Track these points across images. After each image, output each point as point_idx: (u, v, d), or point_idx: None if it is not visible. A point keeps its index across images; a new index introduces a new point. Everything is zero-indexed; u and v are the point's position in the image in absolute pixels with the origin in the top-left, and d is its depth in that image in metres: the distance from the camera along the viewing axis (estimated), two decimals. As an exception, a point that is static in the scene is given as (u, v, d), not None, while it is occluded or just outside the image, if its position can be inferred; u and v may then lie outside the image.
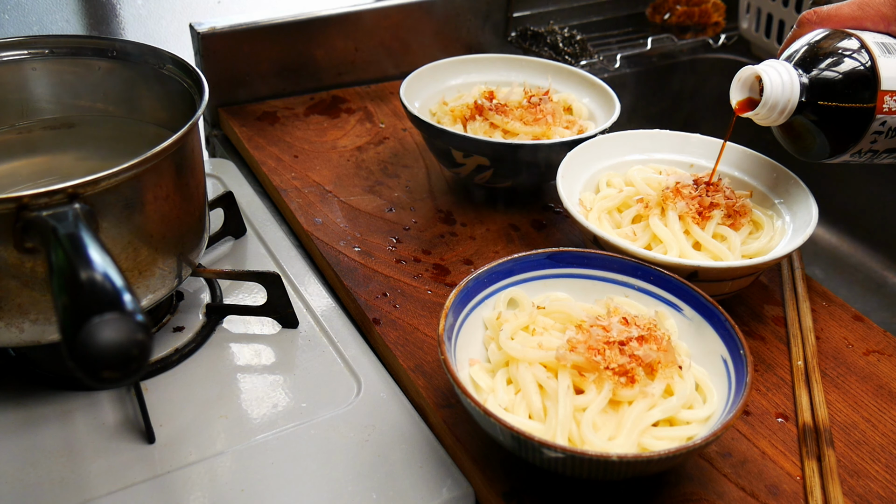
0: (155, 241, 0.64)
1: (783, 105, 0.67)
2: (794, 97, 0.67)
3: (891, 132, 0.68)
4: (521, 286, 0.68)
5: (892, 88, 0.67)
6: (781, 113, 0.68)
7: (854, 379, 0.70)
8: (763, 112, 0.69)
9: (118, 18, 1.26)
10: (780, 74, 0.67)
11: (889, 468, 0.62)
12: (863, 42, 0.67)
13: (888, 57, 0.67)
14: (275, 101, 1.08)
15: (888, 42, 0.68)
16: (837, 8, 0.70)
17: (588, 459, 0.52)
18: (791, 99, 0.67)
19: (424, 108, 0.92)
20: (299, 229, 0.86)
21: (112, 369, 0.42)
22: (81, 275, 0.46)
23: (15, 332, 0.60)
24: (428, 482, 0.60)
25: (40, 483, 0.59)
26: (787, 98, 0.67)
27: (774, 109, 0.68)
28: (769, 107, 0.68)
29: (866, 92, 0.66)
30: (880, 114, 0.66)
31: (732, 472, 0.61)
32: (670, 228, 0.73)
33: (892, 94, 0.66)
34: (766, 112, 0.69)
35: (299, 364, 0.70)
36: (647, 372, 0.59)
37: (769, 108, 0.68)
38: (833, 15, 0.70)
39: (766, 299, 0.78)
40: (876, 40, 0.68)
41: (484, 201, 0.90)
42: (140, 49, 0.74)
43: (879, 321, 0.77)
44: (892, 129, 0.68)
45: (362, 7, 1.09)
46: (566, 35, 1.20)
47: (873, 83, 0.66)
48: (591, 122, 0.92)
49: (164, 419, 0.64)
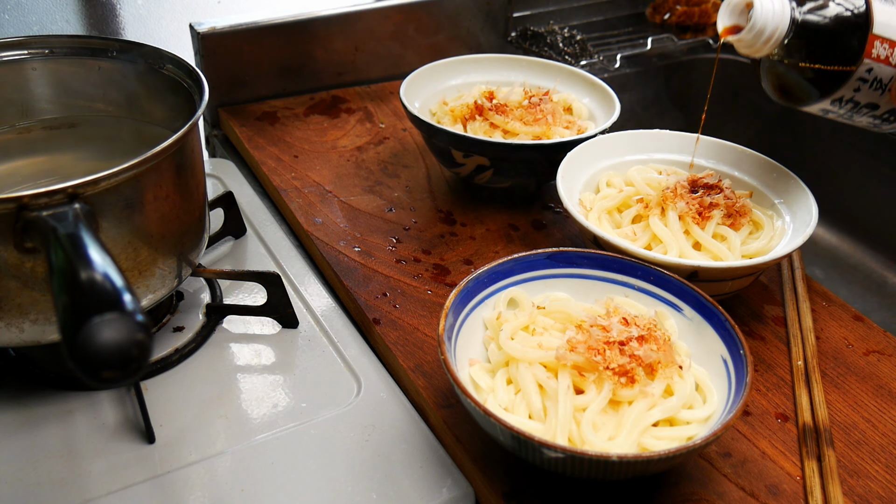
0: (155, 241, 0.64)
1: (770, 32, 0.65)
2: (783, 25, 0.65)
3: (875, 83, 0.66)
4: (521, 286, 0.68)
5: (883, 34, 0.64)
6: (767, 41, 0.66)
7: (854, 379, 0.70)
8: (749, 37, 0.66)
9: (118, 18, 1.26)
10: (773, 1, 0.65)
11: (889, 468, 0.62)
12: None
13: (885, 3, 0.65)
14: (275, 101, 1.08)
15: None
16: None
17: (588, 459, 0.52)
18: (779, 27, 0.65)
19: (424, 108, 0.92)
20: (299, 229, 0.86)
21: (112, 369, 0.42)
22: (81, 275, 0.46)
23: (15, 332, 0.60)
24: (428, 482, 0.60)
25: (40, 483, 0.59)
26: (775, 25, 0.65)
27: (761, 35, 0.65)
28: (756, 32, 0.65)
29: (856, 32, 0.64)
30: (867, 58, 0.64)
31: (732, 472, 0.61)
32: (670, 228, 0.73)
33: (882, 40, 0.64)
34: (751, 37, 0.66)
35: (299, 364, 0.70)
36: (647, 372, 0.59)
37: (756, 33, 0.66)
38: None
39: (766, 299, 0.78)
40: None
41: (484, 201, 0.90)
42: (140, 49, 0.74)
43: (879, 321, 0.77)
44: (877, 81, 0.65)
45: (362, 7, 1.09)
46: (566, 35, 1.21)
47: (865, 24, 0.64)
48: (591, 122, 0.92)
49: (164, 419, 0.64)
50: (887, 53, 0.65)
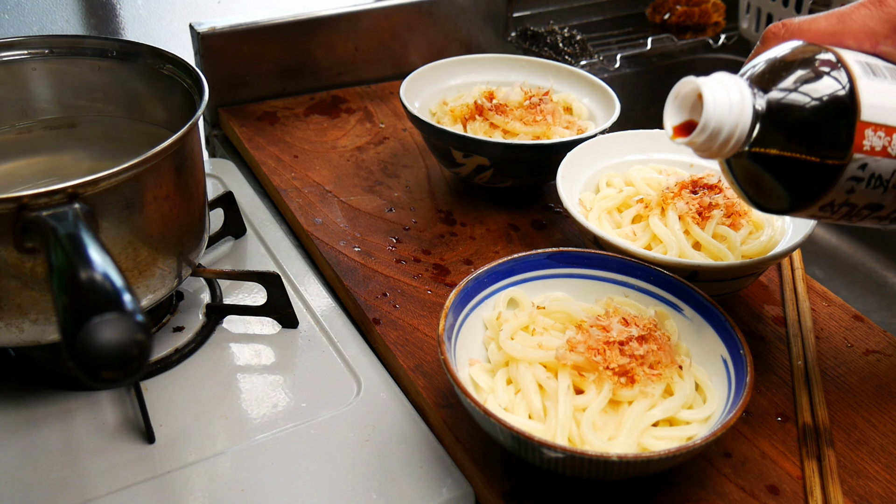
0: (155, 241, 0.64)
1: (729, 131, 0.51)
2: (744, 122, 0.51)
3: (874, 181, 0.52)
4: (521, 286, 0.68)
5: (875, 120, 0.51)
6: (726, 143, 0.51)
7: (854, 379, 0.70)
8: (701, 139, 0.51)
9: (118, 18, 1.26)
10: (728, 91, 0.51)
11: (889, 468, 0.62)
12: (840, 58, 0.52)
13: (872, 80, 0.52)
14: (275, 101, 1.08)
15: (874, 63, 0.53)
16: (812, 20, 0.56)
17: (588, 459, 0.52)
18: (739, 124, 0.50)
19: (424, 108, 0.92)
20: (299, 229, 0.86)
21: (112, 369, 0.42)
22: (81, 275, 0.46)
23: (15, 332, 0.60)
24: (428, 482, 0.60)
25: (40, 483, 0.59)
26: (733, 122, 0.50)
27: (717, 137, 0.51)
28: (710, 133, 0.51)
29: (841, 122, 0.50)
30: (859, 153, 0.50)
31: (732, 472, 0.61)
32: (670, 228, 0.73)
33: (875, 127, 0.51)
34: (704, 139, 0.51)
35: (299, 364, 0.70)
36: (646, 372, 0.59)
37: (710, 134, 0.51)
38: (806, 29, 0.56)
39: (766, 299, 0.78)
40: (858, 59, 0.53)
41: (484, 201, 0.90)
42: (140, 49, 0.74)
43: (879, 321, 0.77)
44: (876, 178, 0.52)
45: (362, 7, 1.09)
46: (566, 35, 1.21)
47: (851, 111, 0.50)
48: (591, 122, 0.92)
49: (164, 419, 0.64)
50: (884, 143, 0.51)
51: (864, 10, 0.55)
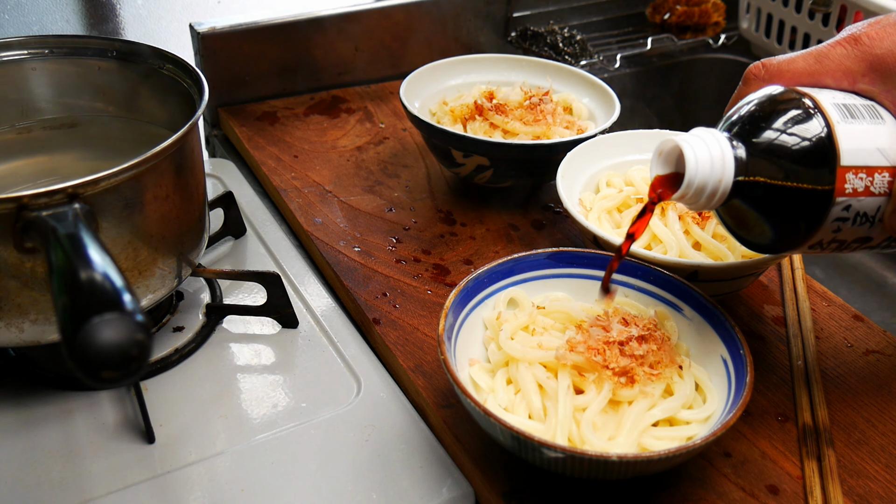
0: (155, 241, 0.64)
1: (713, 187, 0.53)
2: (727, 177, 0.53)
3: (859, 219, 0.54)
4: (521, 286, 0.68)
5: (854, 164, 0.52)
6: (711, 197, 0.53)
7: (854, 379, 0.70)
8: (687, 196, 0.54)
9: (118, 18, 1.26)
10: (709, 148, 0.53)
11: (889, 468, 0.62)
12: (816, 104, 0.53)
13: (850, 123, 0.53)
14: (275, 101, 1.08)
15: (851, 103, 0.54)
16: (790, 61, 0.57)
17: (588, 459, 0.52)
18: (722, 179, 0.53)
19: (424, 108, 0.92)
20: (299, 229, 0.86)
21: (112, 369, 0.42)
22: (81, 275, 0.46)
23: (15, 332, 0.60)
24: (428, 482, 0.60)
25: (40, 483, 0.59)
26: (717, 178, 0.53)
27: (702, 193, 0.53)
28: (695, 190, 0.53)
29: (822, 169, 0.52)
30: (841, 196, 0.52)
31: (732, 472, 0.61)
32: (670, 228, 0.73)
33: (856, 170, 0.52)
34: (691, 196, 0.54)
35: (299, 364, 0.70)
36: (647, 372, 0.59)
37: (695, 191, 0.53)
38: (785, 70, 0.57)
39: (766, 299, 0.78)
40: (835, 101, 0.54)
41: (484, 201, 0.90)
42: (140, 49, 0.74)
43: (879, 321, 0.77)
44: (861, 216, 0.54)
45: (362, 7, 1.09)
46: (566, 35, 1.21)
47: (830, 157, 0.52)
48: (591, 122, 0.92)
49: (164, 419, 0.64)
50: (865, 184, 0.53)
51: (840, 48, 0.56)
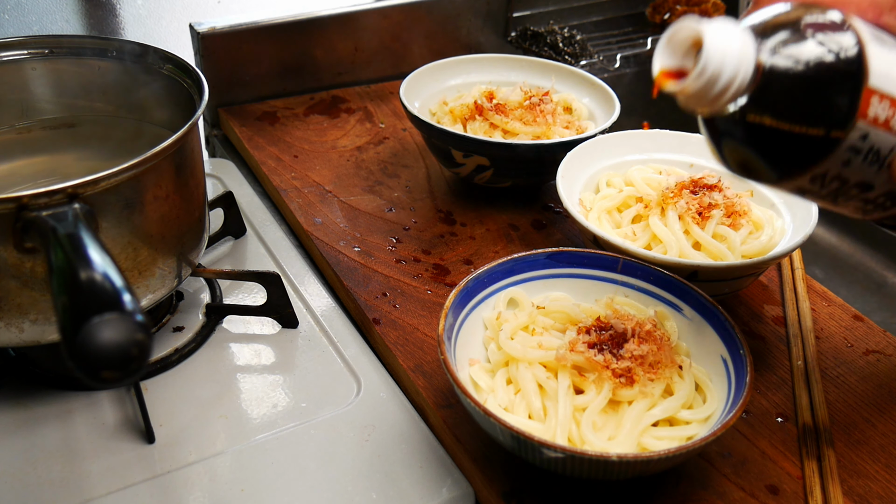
0: (155, 241, 0.64)
1: (728, 78, 0.46)
2: (746, 70, 0.46)
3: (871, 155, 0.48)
4: (521, 286, 0.68)
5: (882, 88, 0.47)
6: (723, 91, 0.46)
7: (854, 379, 0.70)
8: (697, 85, 0.46)
9: (118, 18, 1.26)
10: (730, 35, 0.46)
11: (889, 468, 0.62)
12: (847, 20, 0.47)
13: (881, 47, 0.48)
14: (275, 101, 1.08)
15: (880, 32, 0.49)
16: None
17: (588, 459, 0.52)
18: (739, 73, 0.46)
19: (424, 108, 0.92)
20: (299, 229, 0.86)
21: (112, 369, 0.42)
22: (81, 275, 0.46)
23: (15, 332, 0.60)
24: (428, 482, 0.60)
25: (40, 483, 0.59)
26: (734, 68, 0.45)
27: (714, 83, 0.46)
28: (707, 78, 0.46)
29: (848, 85, 0.46)
30: (863, 120, 0.46)
31: (732, 472, 0.61)
32: (670, 228, 0.73)
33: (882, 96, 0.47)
34: (700, 85, 0.46)
35: (299, 364, 0.70)
36: (646, 372, 0.59)
37: (706, 80, 0.46)
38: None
39: (766, 299, 0.78)
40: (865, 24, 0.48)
41: (484, 201, 0.90)
42: (140, 49, 0.74)
43: (879, 321, 0.77)
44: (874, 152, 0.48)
45: (362, 7, 1.09)
46: (566, 35, 1.21)
47: (859, 73, 0.46)
48: (591, 122, 0.92)
49: (164, 419, 0.64)
50: (887, 115, 0.47)
51: None
